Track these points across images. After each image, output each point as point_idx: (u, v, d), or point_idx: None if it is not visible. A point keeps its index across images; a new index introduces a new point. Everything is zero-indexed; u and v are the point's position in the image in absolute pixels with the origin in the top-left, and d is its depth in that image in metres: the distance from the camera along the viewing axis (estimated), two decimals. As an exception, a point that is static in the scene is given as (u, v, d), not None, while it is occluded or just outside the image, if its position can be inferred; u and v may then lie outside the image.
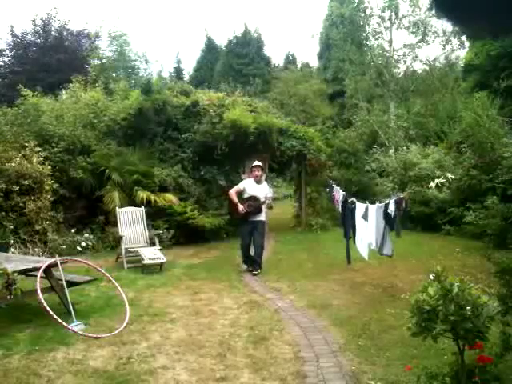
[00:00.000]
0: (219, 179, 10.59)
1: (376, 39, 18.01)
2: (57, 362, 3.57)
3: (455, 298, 2.35)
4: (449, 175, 7.24)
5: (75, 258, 5.68)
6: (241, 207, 6.61)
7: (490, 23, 1.24)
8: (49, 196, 8.24)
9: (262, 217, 6.78)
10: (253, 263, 6.77)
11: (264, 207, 6.74)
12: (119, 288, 4.99)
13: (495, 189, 8.71)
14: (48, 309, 4.03)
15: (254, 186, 6.79)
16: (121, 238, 7.34)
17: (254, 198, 6.65)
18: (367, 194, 11.84)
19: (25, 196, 7.86)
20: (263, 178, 7.07)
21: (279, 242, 9.65)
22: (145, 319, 4.61)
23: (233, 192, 6.87)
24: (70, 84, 12.19)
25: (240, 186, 6.92)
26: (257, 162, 6.93)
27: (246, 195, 6.76)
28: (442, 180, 6.27)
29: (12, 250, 7.13)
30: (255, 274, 6.56)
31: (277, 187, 17.21)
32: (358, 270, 6.63)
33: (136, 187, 9.21)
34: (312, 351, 3.79)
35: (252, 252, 6.86)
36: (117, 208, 7.88)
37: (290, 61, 30.85)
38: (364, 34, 17.90)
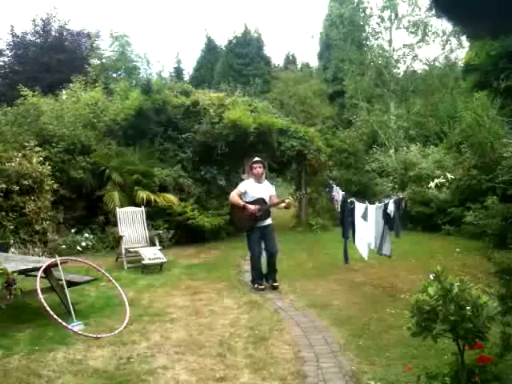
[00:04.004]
0: (219, 179, 10.59)
1: (376, 39, 18.01)
2: (57, 362, 3.57)
3: (455, 298, 2.35)
4: (449, 175, 7.25)
5: (75, 258, 5.68)
6: (252, 207, 5.71)
7: (489, 23, 1.24)
8: (49, 196, 8.23)
9: (270, 220, 5.94)
10: (267, 275, 5.88)
11: (271, 208, 5.93)
12: (119, 288, 4.99)
13: (495, 189, 8.70)
14: (48, 309, 4.03)
15: (256, 187, 5.90)
16: (121, 237, 7.34)
17: (262, 201, 5.81)
18: (367, 194, 11.84)
19: (25, 196, 7.85)
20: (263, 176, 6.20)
21: (279, 241, 9.55)
22: (145, 319, 4.61)
23: (234, 195, 5.93)
24: (70, 84, 12.19)
25: (241, 189, 5.96)
26: (257, 158, 6.10)
27: (248, 198, 5.85)
28: (441, 180, 6.28)
29: (12, 249, 7.12)
30: (275, 287, 5.71)
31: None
32: (358, 269, 6.63)
33: (136, 187, 9.21)
34: (312, 351, 3.79)
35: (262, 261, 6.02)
36: (117, 208, 7.89)
37: (290, 61, 30.85)
38: (364, 34, 17.90)
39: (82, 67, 17.56)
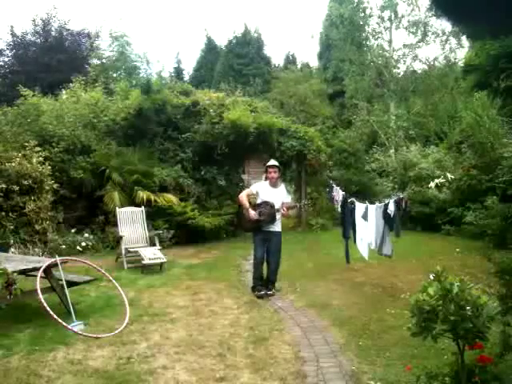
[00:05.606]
0: (219, 179, 10.60)
1: (376, 39, 18.02)
2: (57, 361, 3.56)
3: (455, 298, 2.35)
4: (449, 175, 7.26)
5: (75, 258, 5.68)
6: (252, 213, 5.50)
7: (489, 23, 1.24)
8: (49, 196, 8.24)
9: (278, 227, 5.65)
10: (266, 283, 5.66)
11: (278, 215, 5.62)
12: (119, 288, 4.99)
13: (495, 189, 8.71)
14: (48, 309, 4.03)
15: (268, 191, 5.66)
16: (121, 237, 7.34)
17: (266, 204, 5.53)
18: (367, 194, 11.84)
19: (25, 196, 7.85)
20: (279, 180, 5.93)
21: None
22: (145, 319, 4.61)
23: (243, 195, 5.76)
24: (70, 84, 12.19)
25: (252, 190, 5.81)
26: (272, 162, 5.86)
27: (258, 200, 5.67)
28: (441, 180, 6.28)
29: (12, 250, 7.12)
30: (270, 295, 5.49)
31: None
32: (358, 269, 6.63)
33: (136, 187, 9.21)
34: (312, 351, 3.79)
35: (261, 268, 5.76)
36: (117, 208, 7.89)
37: (290, 61, 30.76)
38: (364, 34, 17.89)
39: (82, 67, 17.58)
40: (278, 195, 5.65)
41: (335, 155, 13.44)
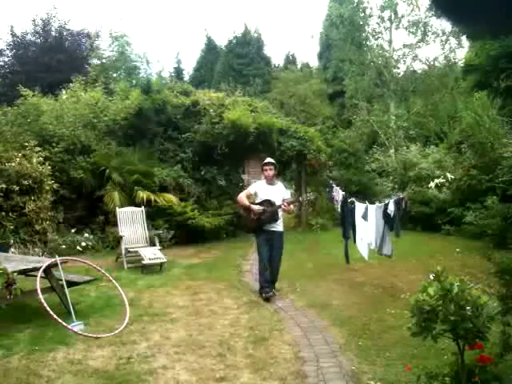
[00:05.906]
0: (219, 179, 10.60)
1: (376, 39, 18.03)
2: (57, 361, 3.56)
3: (455, 298, 2.35)
4: (449, 175, 7.26)
5: (75, 258, 5.68)
6: (256, 207, 5.44)
7: (489, 23, 1.24)
8: (49, 196, 8.24)
9: (280, 227, 5.59)
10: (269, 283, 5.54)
11: (280, 213, 5.56)
12: (119, 288, 4.99)
13: (495, 189, 8.71)
14: (48, 309, 4.03)
15: (266, 189, 5.62)
16: (121, 237, 7.35)
17: (268, 202, 5.47)
18: (367, 194, 11.85)
19: (25, 196, 7.85)
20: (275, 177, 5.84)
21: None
22: (145, 319, 4.61)
23: (242, 196, 5.68)
24: (70, 84, 12.18)
25: (250, 190, 5.75)
26: (268, 159, 5.77)
27: (257, 200, 5.59)
28: (441, 180, 6.28)
29: (12, 250, 7.13)
30: (271, 296, 5.43)
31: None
32: (358, 270, 6.63)
33: (136, 187, 9.21)
34: (312, 351, 3.79)
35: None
36: (117, 208, 7.89)
37: (290, 61, 30.78)
38: (364, 34, 17.90)
39: (82, 67, 17.57)
40: (277, 192, 5.61)
41: (335, 155, 13.45)
